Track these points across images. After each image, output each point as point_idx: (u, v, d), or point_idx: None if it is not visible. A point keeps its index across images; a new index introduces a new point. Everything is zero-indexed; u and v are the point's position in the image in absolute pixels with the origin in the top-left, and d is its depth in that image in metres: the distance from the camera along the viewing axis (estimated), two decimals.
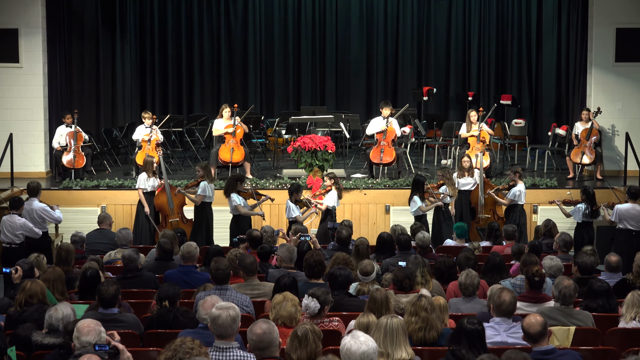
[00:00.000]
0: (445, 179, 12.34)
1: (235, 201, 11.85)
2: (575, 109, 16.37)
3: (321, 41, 19.64)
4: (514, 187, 12.31)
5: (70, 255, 8.58)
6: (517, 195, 12.28)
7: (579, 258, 8.09)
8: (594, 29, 15.48)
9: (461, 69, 19.61)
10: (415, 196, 12.00)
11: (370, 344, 5.00)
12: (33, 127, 15.20)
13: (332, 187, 12.16)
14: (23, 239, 10.89)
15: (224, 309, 5.42)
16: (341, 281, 7.25)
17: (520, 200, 12.29)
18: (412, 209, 12.03)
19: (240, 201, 11.88)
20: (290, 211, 11.83)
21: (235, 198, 11.86)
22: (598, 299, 7.21)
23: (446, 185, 12.27)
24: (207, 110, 18.85)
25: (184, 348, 4.88)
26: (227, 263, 7.49)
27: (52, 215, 11.33)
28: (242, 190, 12.02)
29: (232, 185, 11.95)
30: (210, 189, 12.35)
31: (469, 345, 5.58)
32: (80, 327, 5.43)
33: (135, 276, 8.30)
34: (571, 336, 6.65)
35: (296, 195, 11.87)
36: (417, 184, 12.10)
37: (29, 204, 11.23)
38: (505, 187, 12.50)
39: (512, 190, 12.31)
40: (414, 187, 12.12)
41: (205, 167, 12.45)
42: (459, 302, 7.36)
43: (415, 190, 12.07)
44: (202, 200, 12.30)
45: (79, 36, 17.44)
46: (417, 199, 11.98)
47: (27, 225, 10.89)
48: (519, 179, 12.34)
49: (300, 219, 11.80)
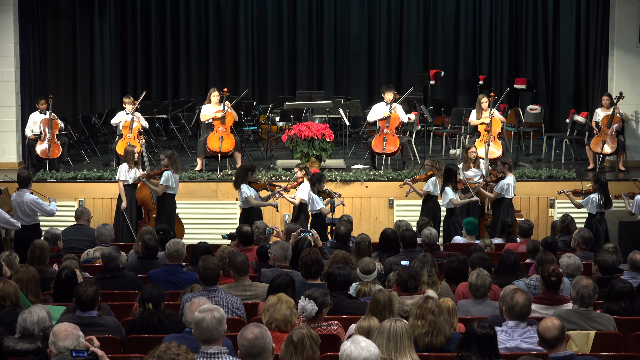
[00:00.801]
0: (434, 169, 12.32)
1: (245, 192, 11.85)
2: (596, 94, 16.38)
3: (319, 20, 19.62)
4: (503, 180, 12.30)
5: (45, 254, 8.58)
6: (504, 188, 12.28)
7: (600, 256, 8.10)
8: (616, 7, 15.45)
9: (471, 50, 19.60)
10: (447, 187, 12.00)
11: (372, 350, 5.00)
12: (4, 113, 15.17)
13: (304, 178, 12.14)
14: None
15: (208, 311, 5.41)
16: (340, 281, 7.24)
17: (509, 194, 12.29)
18: (444, 201, 12.04)
19: (251, 192, 11.89)
20: (314, 203, 11.78)
21: (245, 189, 11.86)
22: (620, 300, 7.21)
23: (436, 176, 12.24)
24: (194, 95, 18.86)
25: (169, 354, 4.88)
26: (217, 262, 7.49)
27: (43, 208, 11.43)
28: (253, 181, 12.02)
29: (242, 175, 11.95)
30: (175, 179, 12.31)
31: (480, 351, 5.59)
32: (57, 331, 5.43)
33: (116, 276, 8.29)
34: (591, 341, 6.66)
35: (318, 186, 11.84)
36: (449, 173, 12.09)
37: (19, 196, 11.33)
38: (493, 180, 12.49)
39: (500, 183, 12.29)
40: (445, 178, 12.11)
41: (171, 155, 12.42)
42: (468, 305, 7.37)
43: (447, 180, 12.06)
44: (165, 192, 12.29)
45: (54, 15, 17.39)
46: (449, 190, 11.97)
47: (3, 216, 10.96)
48: (508, 171, 12.33)
49: (325, 212, 11.82)
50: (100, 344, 5.59)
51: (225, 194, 13.71)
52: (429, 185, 12.29)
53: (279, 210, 12.55)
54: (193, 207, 13.51)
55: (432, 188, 12.25)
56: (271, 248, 8.54)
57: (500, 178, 12.35)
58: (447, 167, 12.22)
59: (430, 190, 12.27)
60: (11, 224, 11.09)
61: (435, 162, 12.40)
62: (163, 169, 12.32)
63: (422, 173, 12.74)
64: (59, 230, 10.11)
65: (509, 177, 12.30)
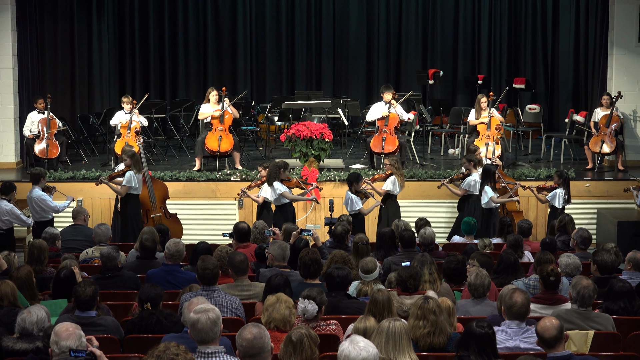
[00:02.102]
0: (393, 168, 12.31)
1: (279, 189, 11.87)
2: (595, 94, 16.38)
3: (317, 19, 19.62)
4: (469, 177, 12.34)
5: (44, 254, 8.58)
6: (472, 185, 12.32)
7: (599, 256, 8.11)
8: (615, 6, 15.45)
9: (470, 49, 19.61)
10: (487, 186, 12.02)
11: (371, 350, 5.01)
12: (2, 113, 15.18)
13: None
14: (10, 225, 11.44)
15: (203, 312, 5.41)
16: (339, 282, 7.25)
17: (475, 190, 12.33)
18: (484, 200, 12.07)
19: (285, 188, 11.92)
20: (353, 204, 11.81)
21: (278, 186, 11.88)
22: (619, 300, 7.23)
23: (395, 176, 12.24)
24: (192, 95, 18.86)
25: (168, 354, 4.88)
26: (215, 262, 7.49)
27: (48, 205, 11.57)
28: (285, 179, 12.04)
29: (275, 172, 11.97)
30: (137, 179, 12.20)
31: (479, 351, 5.60)
32: (59, 330, 5.44)
33: (114, 276, 8.30)
34: (590, 341, 6.67)
35: (356, 186, 11.87)
36: (487, 173, 12.12)
37: (30, 192, 11.64)
38: (459, 177, 12.52)
39: (466, 180, 12.34)
40: (484, 177, 12.15)
41: (133, 155, 12.30)
42: (467, 304, 7.37)
43: (485, 180, 12.09)
44: (128, 192, 12.19)
45: (52, 14, 17.37)
46: (488, 189, 11.99)
47: (14, 212, 11.30)
48: (474, 168, 12.37)
49: (364, 212, 11.84)
50: (99, 344, 5.60)
51: (223, 193, 13.72)
52: (388, 184, 12.28)
53: (319, 202, 12.53)
54: (191, 207, 13.51)
55: (392, 187, 12.25)
56: (269, 248, 8.55)
57: (466, 175, 12.38)
58: (486, 167, 12.29)
59: (389, 189, 12.27)
60: (21, 221, 11.43)
61: (394, 161, 12.39)
62: (125, 169, 12.27)
63: (382, 172, 12.69)
64: (57, 230, 10.12)
65: (474, 173, 12.35)
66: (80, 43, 18.02)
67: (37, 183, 11.71)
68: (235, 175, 13.96)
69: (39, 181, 11.73)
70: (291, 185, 12.10)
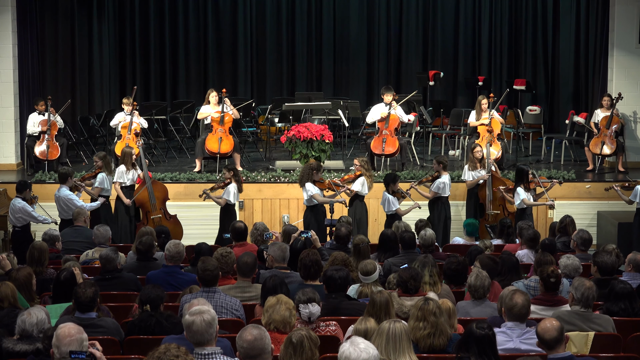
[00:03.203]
0: (363, 169, 12.29)
1: (311, 190, 11.91)
2: (595, 95, 16.39)
3: (317, 20, 19.62)
4: (438, 179, 12.33)
5: (44, 255, 8.58)
6: (440, 187, 12.32)
7: (599, 257, 8.10)
8: (615, 7, 15.45)
9: (471, 50, 19.61)
10: (519, 187, 12.00)
11: (372, 352, 5.01)
12: (2, 115, 15.18)
13: (231, 179, 12.17)
14: (24, 222, 11.63)
15: (198, 314, 5.41)
16: (339, 283, 7.25)
17: (445, 192, 12.34)
18: (516, 201, 12.06)
19: (316, 190, 11.96)
20: (390, 204, 11.86)
21: (310, 187, 11.91)
22: (620, 301, 7.22)
23: (364, 177, 12.22)
24: (192, 96, 18.86)
25: (168, 355, 4.88)
26: (216, 263, 7.48)
27: (74, 204, 11.65)
28: (317, 180, 12.05)
29: (307, 174, 12.00)
30: (109, 181, 12.34)
31: (479, 352, 5.60)
32: (61, 335, 5.43)
33: (114, 277, 8.30)
34: (590, 342, 6.67)
35: (393, 186, 11.91)
36: (519, 173, 12.12)
37: (57, 191, 11.82)
38: (429, 179, 12.51)
39: (435, 182, 12.33)
40: (517, 178, 12.13)
41: (104, 157, 12.45)
42: (468, 306, 7.38)
43: (519, 181, 12.07)
44: (100, 194, 12.31)
45: (53, 15, 17.40)
46: (520, 190, 11.97)
47: (26, 210, 11.52)
48: (443, 170, 12.36)
49: (401, 213, 11.86)
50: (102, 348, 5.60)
51: None
52: (357, 185, 12.26)
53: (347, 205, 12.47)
54: (191, 208, 13.50)
55: (360, 188, 12.24)
56: (269, 249, 8.55)
57: (436, 177, 12.36)
58: (519, 168, 12.30)
59: (358, 190, 12.25)
60: (33, 218, 11.61)
61: (363, 162, 12.38)
62: (97, 171, 12.33)
63: (351, 173, 12.66)
64: (57, 232, 10.13)
65: (444, 175, 12.34)
66: (81, 44, 18.04)
67: (64, 182, 11.84)
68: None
69: (66, 180, 11.84)
70: (323, 187, 12.12)
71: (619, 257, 8.87)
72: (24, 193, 11.63)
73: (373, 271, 7.63)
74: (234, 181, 12.16)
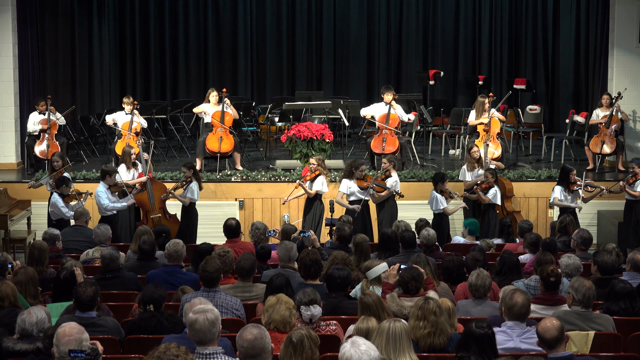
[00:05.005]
0: (321, 168, 12.23)
1: (340, 192, 12.06)
2: (596, 94, 16.39)
3: (318, 20, 19.62)
4: (390, 178, 12.30)
5: (44, 254, 8.59)
6: (392, 185, 12.30)
7: (599, 257, 8.10)
8: (615, 7, 15.46)
9: (471, 50, 19.61)
10: (557, 186, 12.07)
11: (372, 354, 4.99)
12: (2, 114, 15.18)
13: (192, 178, 12.15)
14: (58, 217, 11.73)
15: (201, 313, 5.40)
16: (340, 283, 7.26)
17: (397, 189, 12.30)
18: (550, 199, 12.14)
19: (346, 191, 12.01)
20: (438, 203, 11.90)
21: (343, 185, 12.02)
22: (620, 301, 7.23)
23: (323, 175, 12.19)
24: (192, 95, 18.85)
25: (168, 355, 4.88)
26: (218, 264, 7.46)
27: (100, 202, 11.81)
28: (359, 178, 12.05)
29: (348, 170, 12.07)
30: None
31: (479, 352, 5.60)
32: (61, 334, 5.43)
33: (115, 276, 8.31)
34: (590, 342, 6.67)
35: (441, 186, 11.95)
36: (562, 172, 12.17)
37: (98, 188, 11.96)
38: (382, 178, 12.45)
39: (388, 182, 12.26)
40: (560, 177, 12.19)
41: (62, 157, 12.57)
42: (468, 305, 7.38)
43: (561, 180, 12.12)
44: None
45: (53, 14, 17.38)
46: (556, 189, 12.03)
47: (56, 204, 11.67)
48: (393, 169, 12.33)
49: (449, 212, 11.91)
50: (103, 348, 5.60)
51: (224, 194, 13.72)
52: (317, 185, 12.21)
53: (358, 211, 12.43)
54: None
55: (321, 187, 12.20)
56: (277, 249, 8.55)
57: (387, 176, 12.31)
58: (563, 166, 12.39)
59: (318, 190, 12.23)
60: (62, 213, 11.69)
61: (320, 161, 12.32)
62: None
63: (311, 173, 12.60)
64: (57, 231, 10.12)
65: (394, 174, 12.30)
66: (81, 44, 18.02)
67: (102, 179, 11.93)
68: (236, 176, 13.96)
69: (104, 178, 11.91)
70: (363, 186, 12.07)
71: (619, 256, 8.88)
72: (61, 188, 11.69)
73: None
74: (195, 179, 12.17)
